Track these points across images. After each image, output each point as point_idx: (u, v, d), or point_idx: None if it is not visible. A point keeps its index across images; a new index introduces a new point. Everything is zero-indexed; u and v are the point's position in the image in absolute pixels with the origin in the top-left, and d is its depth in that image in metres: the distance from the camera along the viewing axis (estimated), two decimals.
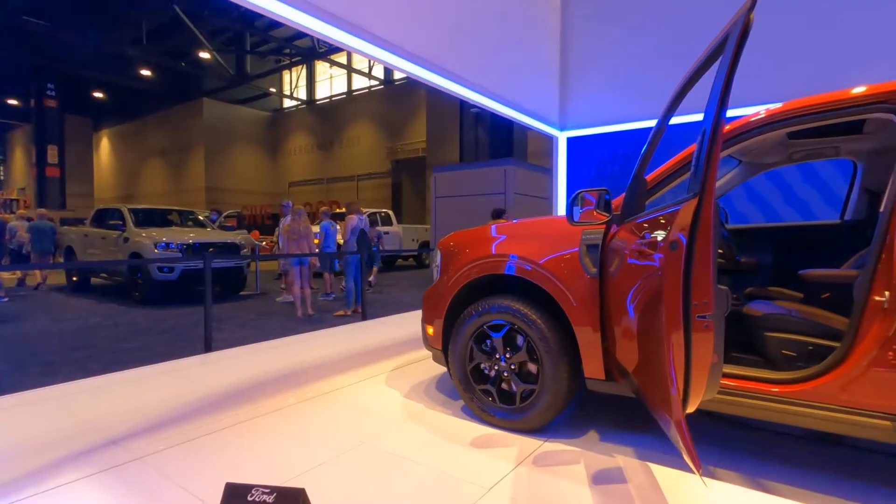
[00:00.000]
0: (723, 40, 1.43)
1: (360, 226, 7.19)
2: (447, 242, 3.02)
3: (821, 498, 1.87)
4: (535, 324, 2.39)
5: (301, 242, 6.79)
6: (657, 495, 1.91)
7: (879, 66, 4.00)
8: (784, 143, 2.70)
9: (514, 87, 5.27)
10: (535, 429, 2.47)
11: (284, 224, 7.11)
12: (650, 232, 1.68)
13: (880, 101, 1.84)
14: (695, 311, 1.34)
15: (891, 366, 1.68)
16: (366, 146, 25.22)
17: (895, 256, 1.68)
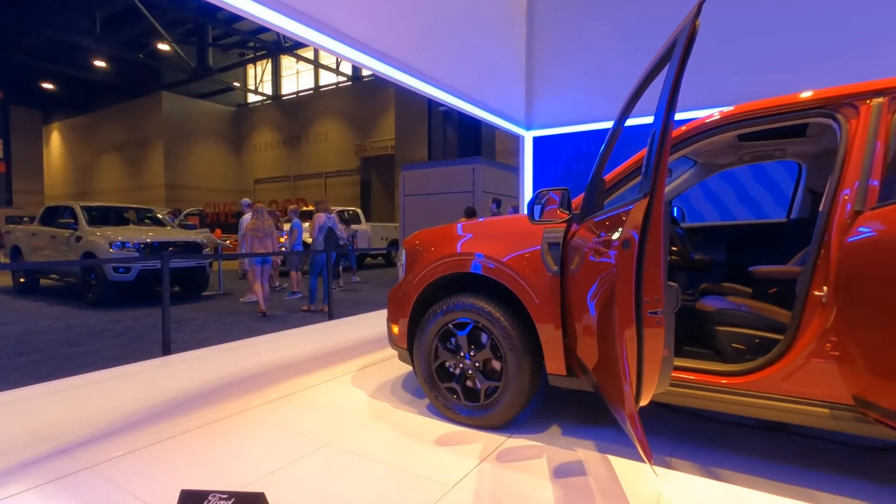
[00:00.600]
0: (671, 46, 1.48)
1: (327, 223, 7.13)
2: (412, 241, 3.01)
3: (768, 483, 1.97)
4: (498, 321, 2.42)
5: (265, 241, 6.70)
6: (615, 486, 1.97)
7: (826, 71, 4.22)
8: (735, 145, 2.82)
9: (481, 86, 5.30)
10: (499, 425, 2.50)
11: (247, 222, 6.97)
12: (606, 231, 1.73)
13: (820, 107, 1.95)
14: (646, 308, 1.39)
15: (828, 357, 1.78)
16: (334, 143, 24.88)
17: (832, 254, 1.78)
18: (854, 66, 4.13)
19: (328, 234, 7.06)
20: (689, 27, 1.35)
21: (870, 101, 1.84)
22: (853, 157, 1.81)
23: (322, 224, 7.05)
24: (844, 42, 4.23)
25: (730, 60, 4.72)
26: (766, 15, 4.62)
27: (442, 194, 10.44)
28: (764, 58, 4.59)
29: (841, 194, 1.81)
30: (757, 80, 4.47)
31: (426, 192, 10.69)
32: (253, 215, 6.87)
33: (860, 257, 1.66)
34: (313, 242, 7.13)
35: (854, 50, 4.18)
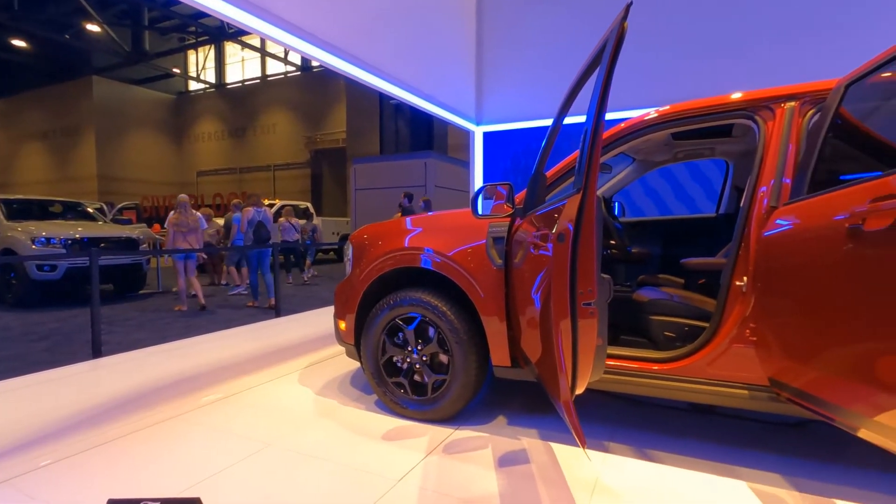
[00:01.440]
0: (602, 47, 1.54)
1: (257, 218, 7.01)
2: (359, 236, 2.98)
3: (695, 462, 2.10)
4: (445, 315, 2.43)
5: (189, 236, 6.55)
6: (556, 472, 2.04)
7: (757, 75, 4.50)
8: (669, 144, 2.97)
9: (431, 79, 5.29)
10: (446, 418, 2.52)
11: (170, 217, 6.73)
12: (544, 225, 1.78)
13: (742, 109, 2.08)
14: (580, 299, 1.44)
15: (747, 342, 1.92)
16: (282, 135, 24.10)
17: (751, 247, 1.91)
18: (780, 68, 4.43)
19: (258, 229, 6.95)
20: (617, 29, 1.41)
21: (784, 104, 1.98)
22: (769, 157, 1.95)
23: (251, 218, 6.94)
24: (772, 46, 4.53)
25: (665, 61, 4.95)
26: (698, 17, 4.87)
27: (394, 188, 10.37)
28: (697, 59, 4.84)
29: (759, 191, 1.95)
30: (690, 81, 4.72)
31: (378, 186, 10.58)
32: (176, 209, 6.65)
33: (774, 249, 1.79)
34: (244, 237, 7.04)
35: (780, 53, 4.48)
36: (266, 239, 6.96)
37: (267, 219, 7.17)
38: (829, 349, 1.54)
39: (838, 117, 1.75)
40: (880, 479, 1.92)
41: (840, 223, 1.46)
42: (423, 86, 5.18)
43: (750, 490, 1.88)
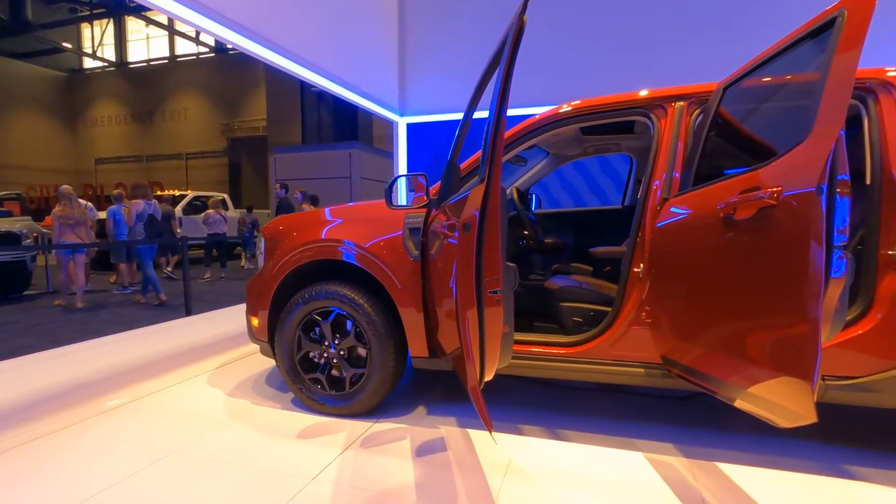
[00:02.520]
0: (503, 42, 1.57)
1: (147, 211, 6.57)
2: (272, 227, 2.85)
3: (601, 438, 2.24)
4: (362, 308, 2.40)
5: (78, 229, 6.06)
6: (472, 458, 2.08)
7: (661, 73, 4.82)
8: (579, 138, 3.12)
9: (352, 68, 5.15)
10: (365, 411, 2.49)
11: (55, 209, 6.14)
12: (454, 216, 1.80)
13: (639, 107, 2.22)
14: (486, 287, 1.48)
15: (643, 324, 2.07)
16: (195, 121, 22.43)
17: (647, 236, 2.06)
18: (683, 67, 4.79)
19: (150, 222, 6.54)
20: (516, 23, 1.45)
21: (674, 104, 2.14)
22: (662, 152, 2.10)
23: (140, 211, 6.50)
24: (673, 46, 4.89)
25: (574, 59, 5.20)
26: (606, 18, 5.15)
27: (317, 179, 10.04)
28: (606, 57, 5.12)
29: (653, 184, 2.10)
30: (600, 78, 4.99)
31: (300, 176, 10.19)
32: (61, 201, 6.09)
33: (665, 238, 1.94)
34: (131, 231, 6.59)
35: (679, 53, 4.85)
36: (159, 233, 6.59)
37: (158, 211, 6.78)
38: (709, 328, 1.70)
39: (718, 117, 1.92)
40: (753, 442, 2.16)
41: (716, 213, 1.60)
42: (345, 74, 5.04)
43: (645, 460, 2.04)
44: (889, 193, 1.77)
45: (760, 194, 1.37)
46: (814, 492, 1.79)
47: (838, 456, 2.03)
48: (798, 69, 1.55)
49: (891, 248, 1.76)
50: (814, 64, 1.38)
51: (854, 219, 1.95)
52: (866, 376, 1.79)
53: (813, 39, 1.45)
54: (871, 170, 1.82)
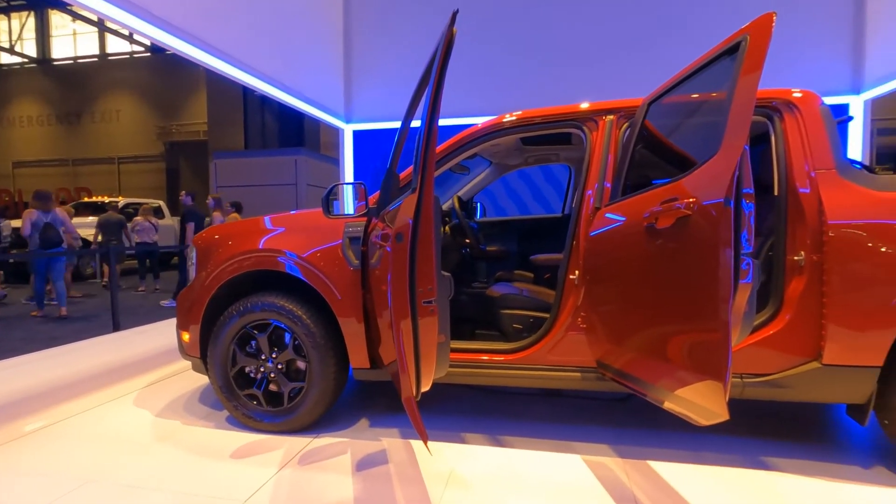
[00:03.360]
0: (434, 53, 1.59)
1: (43, 220, 6.22)
2: (205, 237, 2.72)
3: (542, 442, 2.27)
4: (301, 320, 2.33)
5: None
6: (413, 469, 2.06)
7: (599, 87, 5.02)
8: (520, 148, 3.19)
9: (295, 72, 5.04)
10: (305, 427, 2.41)
11: None
12: (391, 224, 1.79)
13: (572, 120, 2.30)
14: (420, 297, 1.47)
15: (579, 330, 2.13)
16: (128, 123, 21.15)
17: (581, 244, 2.13)
18: (616, 82, 5.02)
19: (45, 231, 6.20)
20: (445, 35, 1.46)
21: (605, 117, 2.24)
22: (594, 163, 2.19)
23: (35, 220, 6.20)
24: (608, 62, 5.12)
25: (518, 74, 5.34)
26: (549, 31, 5.33)
27: (262, 186, 9.72)
28: (547, 72, 5.30)
29: (586, 194, 2.18)
30: (539, 92, 5.16)
31: (243, 183, 9.83)
32: None
33: (597, 245, 2.01)
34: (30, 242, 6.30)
35: (613, 68, 5.08)
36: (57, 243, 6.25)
37: (58, 220, 6.40)
38: (636, 333, 1.78)
39: (644, 130, 2.03)
40: (682, 439, 2.27)
41: (642, 222, 1.68)
42: (287, 79, 4.92)
43: (583, 461, 2.10)
44: (793, 204, 1.92)
45: (678, 204, 1.45)
46: (734, 483, 1.90)
47: (757, 449, 2.17)
48: (710, 88, 1.66)
49: (796, 254, 1.91)
50: (723, 84, 1.48)
51: (765, 227, 2.10)
52: (778, 373, 1.93)
53: (721, 61, 1.56)
54: (777, 182, 1.97)
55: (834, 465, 2.02)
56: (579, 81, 5.15)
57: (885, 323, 1.77)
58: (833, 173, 1.90)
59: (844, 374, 1.85)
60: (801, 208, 1.91)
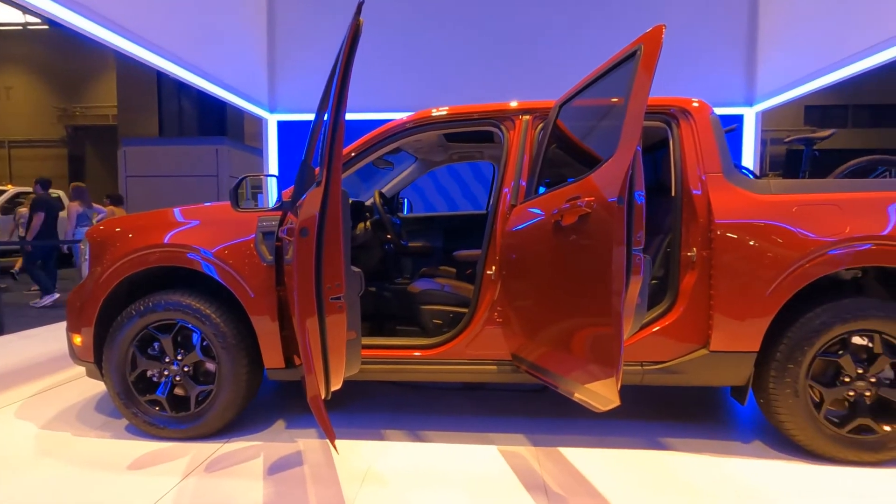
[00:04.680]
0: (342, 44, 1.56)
1: None
2: (100, 231, 2.49)
3: (461, 436, 2.31)
4: (209, 319, 2.20)
5: None
6: (329, 470, 2.02)
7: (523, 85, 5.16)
8: (444, 145, 3.21)
9: (212, 56, 4.74)
10: (214, 432, 2.29)
11: None
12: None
13: (491, 118, 2.35)
14: (328, 294, 1.44)
15: (496, 324, 2.18)
16: (21, 103, 18.93)
17: (497, 240, 2.18)
18: (537, 81, 5.20)
19: None
20: (351, 26, 1.44)
21: (521, 117, 2.30)
22: (510, 161, 2.24)
23: None
24: (532, 60, 5.29)
25: (446, 69, 5.39)
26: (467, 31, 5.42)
27: (179, 177, 9.07)
28: (475, 69, 5.38)
29: (503, 191, 2.23)
30: (467, 88, 5.23)
31: (157, 173, 9.12)
32: None
33: (512, 241, 2.07)
34: None
35: (536, 67, 5.25)
36: None
37: None
38: (549, 327, 1.85)
39: (556, 130, 2.11)
40: (591, 426, 2.40)
41: (550, 219, 1.75)
42: (204, 63, 4.62)
43: (499, 452, 2.15)
44: (687, 204, 2.09)
45: (580, 203, 1.53)
46: (634, 464, 2.04)
47: (655, 431, 2.34)
48: (611, 93, 1.75)
49: (689, 250, 2.08)
50: (621, 89, 1.57)
51: (664, 225, 2.27)
52: (672, 360, 2.09)
53: (620, 68, 1.66)
54: (674, 183, 2.13)
55: (720, 442, 2.22)
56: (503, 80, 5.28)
57: (761, 312, 1.97)
58: (720, 177, 2.08)
59: (728, 359, 2.04)
60: (694, 208, 2.07)
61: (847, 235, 1.95)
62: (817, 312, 1.97)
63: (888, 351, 1.95)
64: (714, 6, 5.20)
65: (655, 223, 2.39)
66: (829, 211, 1.99)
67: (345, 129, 1.45)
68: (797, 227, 1.97)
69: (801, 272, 1.95)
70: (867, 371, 1.97)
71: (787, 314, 1.99)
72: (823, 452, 2.00)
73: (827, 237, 1.95)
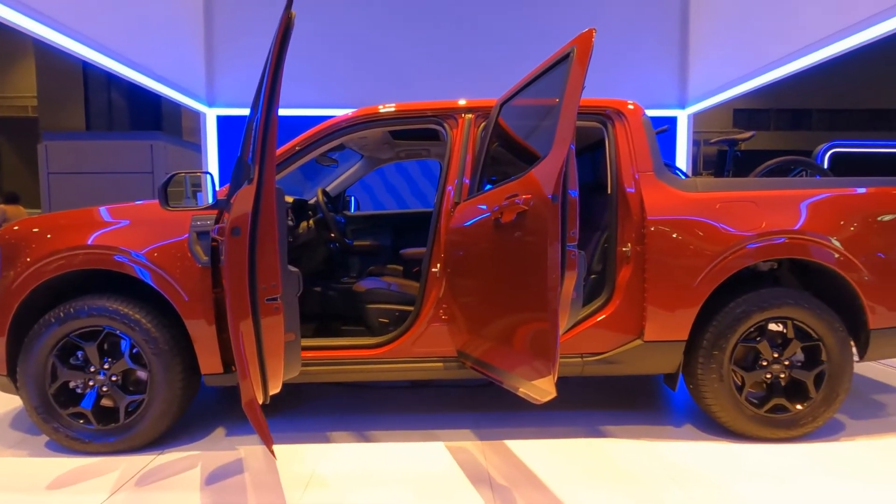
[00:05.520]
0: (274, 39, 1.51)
1: None
2: (14, 232, 2.29)
3: (407, 434, 2.31)
4: (139, 324, 2.08)
5: None
6: (271, 477, 1.96)
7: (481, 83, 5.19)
8: (390, 142, 3.19)
9: (143, 46, 4.47)
10: (147, 443, 2.16)
11: None
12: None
13: (434, 116, 2.35)
14: (263, 295, 1.39)
15: (441, 321, 2.20)
16: None
17: (441, 238, 2.19)
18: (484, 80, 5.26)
19: None
20: (282, 19, 1.40)
21: (464, 115, 2.32)
22: (454, 159, 2.26)
23: None
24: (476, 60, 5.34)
25: (392, 66, 5.36)
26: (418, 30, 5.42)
27: (109, 174, 8.49)
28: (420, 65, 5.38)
29: (447, 189, 2.24)
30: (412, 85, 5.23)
31: (84, 169, 8.49)
32: None
33: (455, 239, 2.09)
34: None
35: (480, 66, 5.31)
36: None
37: None
38: (491, 323, 1.88)
39: (497, 128, 2.14)
40: (535, 417, 2.46)
41: (491, 217, 1.78)
42: (133, 54, 4.34)
43: (445, 449, 2.17)
44: (622, 201, 2.18)
45: (517, 200, 1.56)
46: (575, 452, 2.11)
47: (596, 420, 2.43)
48: (547, 93, 1.80)
49: (625, 245, 2.17)
50: (555, 90, 1.62)
51: (602, 222, 2.36)
52: (611, 351, 2.18)
53: (555, 69, 1.71)
54: (610, 182, 2.22)
55: (654, 427, 2.35)
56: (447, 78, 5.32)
57: (689, 303, 2.10)
58: (652, 175, 2.19)
59: (660, 349, 2.15)
60: (628, 205, 2.17)
61: (764, 230, 2.11)
62: (738, 302, 2.11)
63: (799, 336, 2.13)
64: (650, 13, 5.46)
65: (594, 220, 2.48)
66: (748, 207, 2.14)
67: (277, 124, 1.41)
68: (720, 222, 2.11)
69: (724, 265, 2.09)
70: (782, 355, 2.13)
71: (712, 305, 2.12)
72: (745, 432, 2.15)
73: (746, 232, 2.10)
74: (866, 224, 2.17)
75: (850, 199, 2.22)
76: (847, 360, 2.12)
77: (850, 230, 2.15)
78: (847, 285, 2.13)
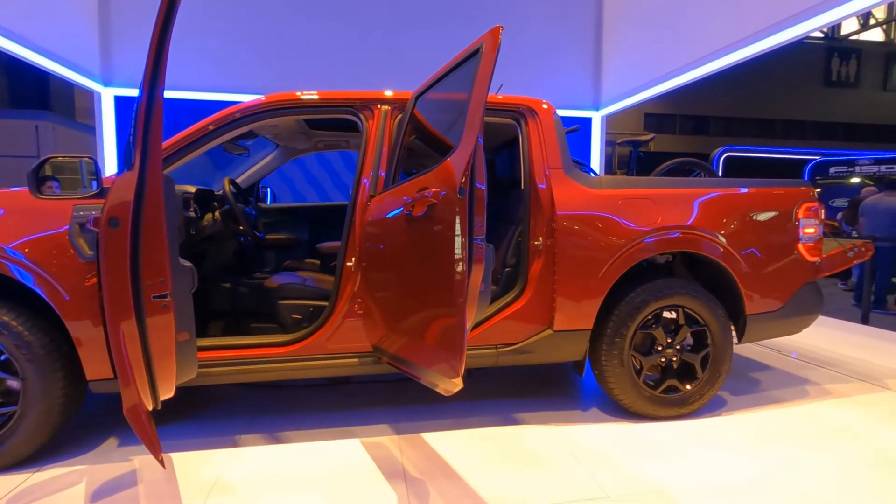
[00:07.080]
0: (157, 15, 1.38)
1: None
2: None
3: (323, 432, 2.24)
4: (7, 327, 1.84)
5: None
6: (169, 486, 1.82)
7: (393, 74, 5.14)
8: (306, 132, 3.07)
9: (23, 14, 3.94)
10: (20, 460, 1.93)
11: None
12: None
13: (349, 106, 2.29)
14: (149, 292, 1.28)
15: (356, 316, 2.15)
16: None
17: (357, 231, 2.14)
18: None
19: None
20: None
21: (381, 106, 2.28)
22: (369, 151, 2.21)
23: None
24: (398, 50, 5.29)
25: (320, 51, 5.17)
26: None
27: None
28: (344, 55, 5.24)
29: (362, 181, 2.19)
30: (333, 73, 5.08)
31: None
32: None
33: (370, 232, 2.05)
34: None
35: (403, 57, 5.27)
36: None
37: None
38: (405, 318, 1.87)
39: (412, 121, 2.13)
40: (452, 409, 2.49)
41: (404, 210, 1.76)
42: (11, 22, 3.82)
43: (361, 445, 2.14)
44: (534, 196, 2.26)
45: (427, 193, 1.56)
46: (489, 441, 2.17)
47: (510, 408, 2.51)
48: (458, 88, 1.82)
49: (536, 239, 2.25)
50: (465, 84, 1.63)
51: (516, 216, 2.42)
52: (523, 341, 2.26)
53: (464, 65, 1.73)
54: (523, 177, 2.28)
55: (564, 412, 2.46)
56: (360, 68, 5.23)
57: (594, 294, 2.22)
58: (561, 172, 2.28)
59: (568, 338, 2.26)
60: (540, 201, 2.25)
61: (660, 225, 2.27)
62: (637, 292, 2.27)
63: (689, 322, 2.33)
64: (568, 19, 5.68)
65: (509, 214, 2.55)
66: (646, 204, 2.30)
67: (163, 105, 1.28)
68: (621, 217, 2.25)
69: (625, 257, 2.23)
70: (674, 340, 2.32)
71: (614, 295, 2.26)
72: (643, 412, 2.32)
73: (644, 227, 2.25)
74: (745, 221, 2.41)
75: (734, 199, 2.46)
76: (728, 342, 2.36)
77: (732, 226, 2.38)
78: (728, 276, 2.36)
